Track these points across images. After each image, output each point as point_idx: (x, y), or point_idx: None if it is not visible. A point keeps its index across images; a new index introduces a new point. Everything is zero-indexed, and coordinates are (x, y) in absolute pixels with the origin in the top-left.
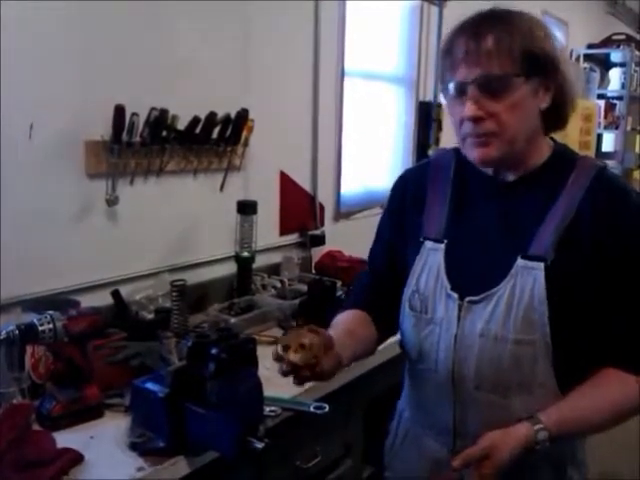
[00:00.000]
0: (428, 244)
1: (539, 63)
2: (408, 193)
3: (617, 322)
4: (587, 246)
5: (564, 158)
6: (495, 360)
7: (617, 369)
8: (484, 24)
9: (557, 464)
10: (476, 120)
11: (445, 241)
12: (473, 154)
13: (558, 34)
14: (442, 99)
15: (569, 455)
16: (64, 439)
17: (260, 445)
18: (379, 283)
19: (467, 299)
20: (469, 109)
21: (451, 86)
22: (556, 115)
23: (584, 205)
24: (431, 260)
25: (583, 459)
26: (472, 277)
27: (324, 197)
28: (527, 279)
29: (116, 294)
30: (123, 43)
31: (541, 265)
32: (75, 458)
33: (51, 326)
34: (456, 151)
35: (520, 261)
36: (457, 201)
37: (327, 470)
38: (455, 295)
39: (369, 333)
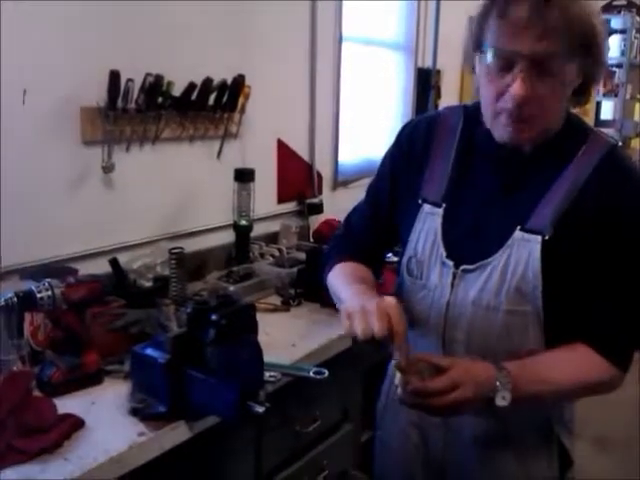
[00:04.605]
0: (426, 207)
1: (590, 44)
2: (416, 145)
3: (602, 303)
4: (588, 225)
5: (576, 130)
6: (486, 328)
7: (590, 347)
8: None
9: (544, 424)
10: (521, 100)
11: (444, 205)
12: (505, 134)
13: None
14: (476, 66)
15: (556, 415)
16: (65, 405)
17: (261, 409)
18: (378, 227)
19: (462, 268)
20: (521, 87)
21: (492, 54)
22: (582, 93)
23: (590, 183)
24: (428, 225)
25: (570, 418)
26: (468, 245)
27: (322, 165)
28: (523, 251)
29: (114, 262)
30: (118, 7)
31: (538, 238)
32: (76, 423)
33: (49, 293)
34: (465, 109)
35: (518, 233)
36: (461, 164)
37: (326, 434)
38: (450, 263)
39: None
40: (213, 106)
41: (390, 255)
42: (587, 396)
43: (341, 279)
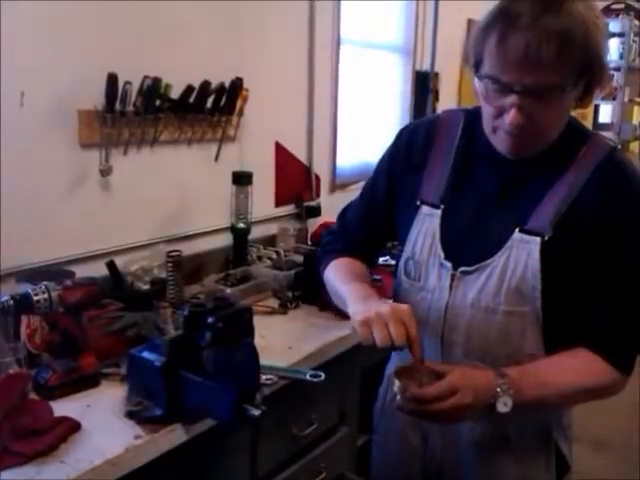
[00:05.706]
0: (425, 209)
1: (592, 69)
2: (415, 148)
3: (602, 306)
4: (587, 226)
5: (576, 132)
6: (484, 330)
7: (592, 350)
8: (546, 21)
9: (542, 428)
10: (516, 128)
11: (442, 207)
12: (504, 148)
13: None
14: (475, 83)
15: (554, 420)
16: (61, 408)
17: (257, 412)
18: (372, 227)
19: (460, 269)
20: (516, 117)
21: (491, 82)
22: (585, 98)
23: (590, 185)
24: (426, 226)
25: (569, 423)
26: (467, 246)
27: (320, 168)
28: (522, 252)
29: (111, 265)
30: (116, 10)
31: (537, 240)
32: (73, 426)
33: (46, 296)
34: (465, 112)
35: (517, 234)
36: (460, 165)
37: (323, 437)
38: (449, 264)
39: None
40: (211, 109)
41: (387, 258)
42: (590, 400)
43: (339, 276)
